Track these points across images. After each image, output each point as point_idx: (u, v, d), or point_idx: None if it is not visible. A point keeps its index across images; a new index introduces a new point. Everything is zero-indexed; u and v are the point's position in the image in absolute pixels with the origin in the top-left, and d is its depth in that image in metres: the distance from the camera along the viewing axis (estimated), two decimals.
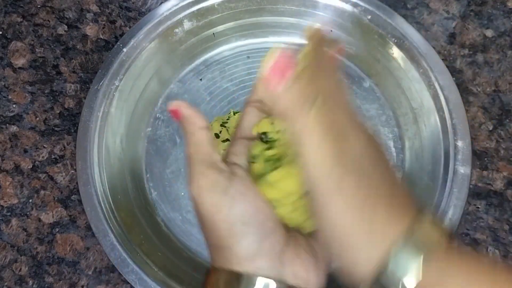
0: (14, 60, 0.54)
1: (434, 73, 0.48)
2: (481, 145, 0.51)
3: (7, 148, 0.50)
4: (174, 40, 0.52)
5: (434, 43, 0.55)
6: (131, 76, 0.49)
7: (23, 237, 0.47)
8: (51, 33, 0.56)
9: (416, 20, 0.57)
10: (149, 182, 0.50)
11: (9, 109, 0.52)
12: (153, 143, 0.51)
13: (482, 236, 0.47)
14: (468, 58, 0.55)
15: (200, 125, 0.30)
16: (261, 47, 0.56)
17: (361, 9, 0.51)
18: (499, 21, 0.57)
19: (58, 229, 0.47)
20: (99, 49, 0.55)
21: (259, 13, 0.54)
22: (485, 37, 0.56)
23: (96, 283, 0.46)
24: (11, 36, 0.56)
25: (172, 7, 0.51)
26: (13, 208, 0.48)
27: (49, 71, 0.54)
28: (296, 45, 0.57)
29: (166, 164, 0.50)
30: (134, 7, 0.57)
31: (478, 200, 0.49)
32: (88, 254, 0.47)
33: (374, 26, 0.51)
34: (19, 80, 0.53)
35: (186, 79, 0.54)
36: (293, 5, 0.53)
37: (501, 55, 0.55)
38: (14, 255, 0.47)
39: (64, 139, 0.51)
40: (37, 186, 0.49)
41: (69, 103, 0.53)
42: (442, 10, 0.57)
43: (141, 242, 0.44)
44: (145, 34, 0.50)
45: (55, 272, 0.46)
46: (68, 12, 0.57)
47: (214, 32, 0.54)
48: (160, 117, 0.53)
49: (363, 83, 0.54)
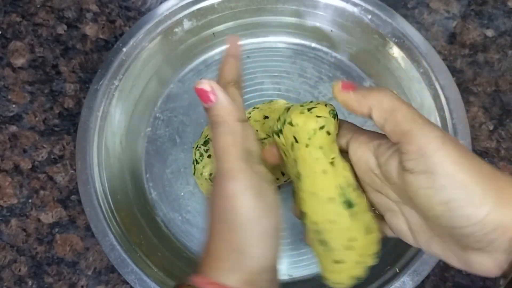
0: (14, 60, 0.54)
1: (435, 73, 0.48)
2: (481, 145, 0.51)
3: (6, 148, 0.50)
4: (174, 39, 0.52)
5: (434, 43, 0.55)
6: (131, 76, 0.49)
7: (23, 237, 0.47)
8: (50, 33, 0.56)
9: (417, 20, 0.57)
10: (148, 182, 0.50)
11: (9, 109, 0.52)
12: (152, 143, 0.51)
13: None
14: (468, 58, 0.55)
15: (240, 116, 0.29)
16: (261, 47, 0.56)
17: (361, 8, 0.51)
18: (500, 21, 0.57)
19: (58, 229, 0.47)
20: (98, 49, 0.55)
21: (259, 13, 0.54)
22: (485, 37, 0.56)
23: (95, 283, 0.46)
24: (11, 36, 0.55)
25: (172, 6, 0.51)
26: (13, 208, 0.48)
27: (49, 71, 0.54)
28: (296, 45, 0.57)
29: (166, 164, 0.50)
30: (134, 7, 0.57)
31: None
32: (88, 255, 0.46)
33: (374, 26, 0.51)
34: (18, 80, 0.53)
35: (186, 79, 0.54)
36: (293, 5, 0.53)
37: (502, 55, 0.55)
38: (13, 255, 0.46)
39: (64, 139, 0.51)
40: (36, 186, 0.49)
41: (68, 103, 0.52)
42: (442, 10, 0.57)
43: (140, 243, 0.44)
44: (144, 34, 0.50)
45: (55, 272, 0.46)
46: (67, 12, 0.57)
47: (214, 31, 0.54)
48: (160, 117, 0.52)
49: (363, 83, 0.54)
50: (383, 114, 0.26)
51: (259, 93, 0.53)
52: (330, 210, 0.30)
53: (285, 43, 0.56)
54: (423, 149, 0.24)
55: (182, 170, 0.50)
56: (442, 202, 0.24)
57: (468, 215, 0.23)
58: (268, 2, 0.53)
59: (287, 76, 0.54)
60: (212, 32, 0.54)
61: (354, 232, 0.30)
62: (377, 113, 0.26)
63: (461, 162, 0.24)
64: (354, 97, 0.27)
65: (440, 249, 0.27)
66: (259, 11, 0.54)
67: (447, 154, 0.24)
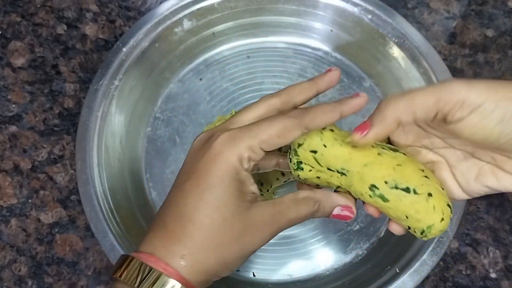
0: (14, 60, 0.54)
1: (435, 73, 0.48)
2: None
3: (6, 148, 0.50)
4: (174, 39, 0.52)
5: (434, 43, 0.55)
6: (131, 76, 0.49)
7: (23, 238, 0.47)
8: (50, 33, 0.56)
9: (417, 19, 0.57)
10: (148, 182, 0.50)
11: (9, 109, 0.52)
12: (152, 143, 0.51)
13: (482, 236, 0.47)
14: (468, 58, 0.55)
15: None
16: (261, 46, 0.56)
17: (362, 8, 0.51)
18: (500, 21, 0.57)
19: (58, 230, 0.47)
20: (98, 49, 0.55)
21: (259, 13, 0.54)
22: (485, 37, 0.56)
23: (95, 283, 0.46)
24: (11, 36, 0.55)
25: (172, 6, 0.51)
26: (13, 208, 0.48)
27: (49, 71, 0.54)
28: (296, 45, 0.57)
29: (166, 164, 0.50)
30: (134, 7, 0.57)
31: (478, 200, 0.48)
32: (88, 255, 0.46)
33: (375, 26, 0.51)
34: (18, 80, 0.53)
35: (186, 78, 0.54)
36: (293, 5, 0.53)
37: (502, 55, 0.55)
38: (13, 256, 0.46)
39: (64, 139, 0.51)
40: (36, 186, 0.49)
41: (68, 103, 0.52)
42: (442, 9, 0.57)
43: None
44: (144, 34, 0.50)
45: (55, 272, 0.46)
46: (67, 12, 0.57)
47: (214, 31, 0.54)
48: (160, 117, 0.52)
49: (363, 83, 0.54)
50: (410, 116, 0.28)
51: (259, 93, 0.53)
52: (390, 159, 0.31)
53: (285, 43, 0.56)
54: (460, 98, 0.27)
55: None
56: (498, 120, 0.27)
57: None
58: (268, 2, 0.53)
59: (287, 76, 0.54)
60: (212, 32, 0.54)
61: (420, 165, 0.32)
62: (405, 120, 0.29)
63: (490, 86, 0.27)
64: (374, 133, 0.29)
65: (488, 177, 0.31)
66: (259, 11, 0.54)
67: (477, 86, 0.27)
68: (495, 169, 0.30)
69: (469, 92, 0.27)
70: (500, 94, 0.27)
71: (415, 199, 0.30)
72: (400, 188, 0.30)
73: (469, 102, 0.27)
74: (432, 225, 0.30)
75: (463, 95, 0.27)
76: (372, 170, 0.31)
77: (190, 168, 0.29)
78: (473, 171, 0.31)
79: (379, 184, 0.30)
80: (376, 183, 0.30)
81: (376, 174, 0.30)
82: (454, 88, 0.27)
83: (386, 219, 0.48)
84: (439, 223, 0.30)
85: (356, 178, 0.31)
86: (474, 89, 0.27)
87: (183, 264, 0.27)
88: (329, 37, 0.55)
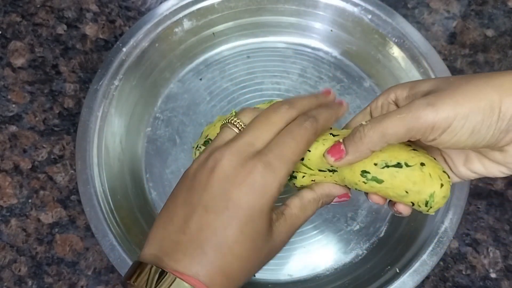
0: (14, 59, 0.54)
1: (435, 73, 0.48)
2: None
3: (6, 148, 0.50)
4: (174, 39, 0.52)
5: (434, 43, 0.55)
6: (131, 76, 0.49)
7: (23, 238, 0.47)
8: (50, 33, 0.56)
9: (417, 19, 0.57)
10: (148, 182, 0.50)
11: (8, 109, 0.52)
12: (152, 143, 0.51)
13: (482, 236, 0.47)
14: (468, 58, 0.55)
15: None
16: (261, 46, 0.56)
17: (362, 8, 0.51)
18: (500, 21, 0.57)
19: (58, 230, 0.47)
20: (98, 49, 0.55)
21: (259, 13, 0.54)
22: (485, 37, 0.56)
23: (95, 283, 0.46)
24: (11, 36, 0.55)
25: (172, 6, 0.51)
26: (13, 208, 0.48)
27: (49, 71, 0.54)
28: (296, 45, 0.57)
29: (166, 164, 0.50)
30: (134, 7, 0.57)
31: (478, 200, 0.48)
32: (88, 255, 0.46)
33: (375, 26, 0.51)
34: (18, 80, 0.53)
35: (186, 78, 0.54)
36: (293, 5, 0.53)
37: (502, 55, 0.55)
38: (13, 256, 0.46)
39: (64, 139, 0.51)
40: (36, 186, 0.49)
41: (68, 103, 0.52)
42: (442, 9, 0.57)
43: (140, 243, 0.44)
44: (144, 34, 0.50)
45: (55, 272, 0.46)
46: (67, 12, 0.57)
47: (214, 31, 0.54)
48: (160, 117, 0.52)
49: (363, 83, 0.54)
50: (384, 145, 0.29)
51: (259, 93, 0.53)
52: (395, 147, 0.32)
53: (285, 43, 0.56)
54: (428, 124, 0.28)
55: (182, 170, 0.50)
56: (469, 132, 0.28)
57: (488, 125, 0.28)
58: (268, 2, 0.53)
59: (287, 76, 0.54)
60: (212, 32, 0.54)
61: (413, 146, 0.32)
62: (379, 148, 0.30)
63: (457, 102, 0.28)
64: (348, 160, 0.30)
65: (475, 164, 0.32)
66: (259, 11, 0.54)
67: (443, 109, 0.28)
68: (481, 157, 0.32)
69: (437, 116, 0.28)
70: (467, 108, 0.27)
71: (409, 172, 0.30)
72: (391, 165, 0.30)
73: (438, 125, 0.28)
74: (433, 192, 0.30)
75: (431, 121, 0.28)
76: None
77: (223, 195, 0.29)
78: (461, 157, 0.33)
79: (369, 168, 0.31)
80: (366, 168, 0.31)
81: (364, 160, 0.31)
82: (421, 116, 0.28)
83: (386, 219, 0.48)
84: (439, 190, 0.30)
85: (346, 171, 0.32)
86: (441, 112, 0.28)
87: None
88: (329, 37, 0.55)
